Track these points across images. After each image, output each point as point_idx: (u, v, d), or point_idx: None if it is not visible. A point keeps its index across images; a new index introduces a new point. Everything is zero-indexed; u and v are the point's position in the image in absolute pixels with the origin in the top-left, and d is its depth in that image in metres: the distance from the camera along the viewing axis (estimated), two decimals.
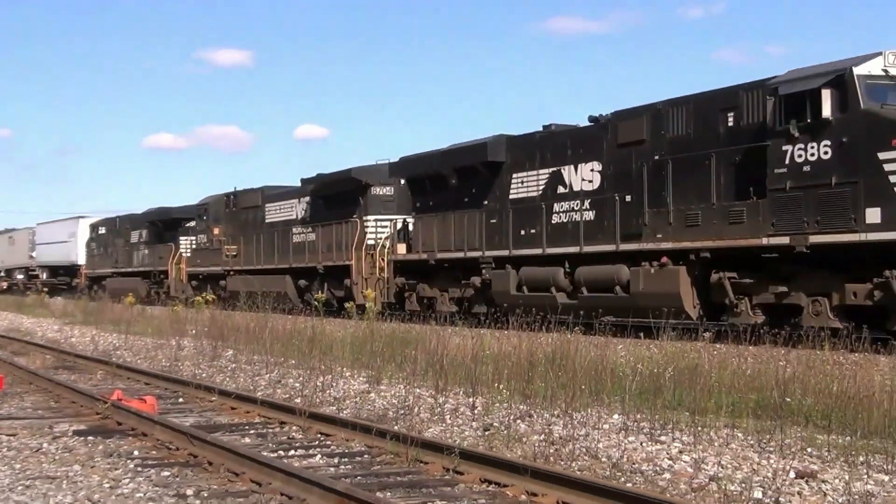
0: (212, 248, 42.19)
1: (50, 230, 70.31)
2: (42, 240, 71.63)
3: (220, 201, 43.08)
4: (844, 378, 10.91)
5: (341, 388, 13.60)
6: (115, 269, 53.94)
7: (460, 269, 27.04)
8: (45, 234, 71.09)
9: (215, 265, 41.57)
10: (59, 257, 67.18)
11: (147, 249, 50.10)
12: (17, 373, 16.52)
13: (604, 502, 6.88)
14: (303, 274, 35.32)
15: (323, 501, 6.97)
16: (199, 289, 42.11)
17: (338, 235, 32.65)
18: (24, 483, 8.06)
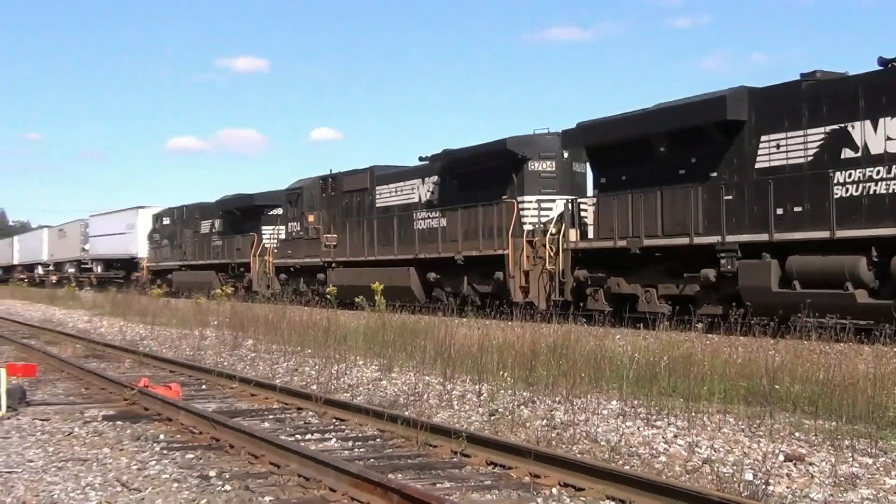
0: (307, 238, 35.57)
1: (105, 221, 63.55)
2: (96, 232, 64.65)
3: (316, 185, 36.01)
4: (830, 366, 10.89)
5: (355, 376, 13.61)
6: (183, 262, 47.74)
7: (677, 260, 20.24)
8: (100, 225, 64.26)
9: (312, 256, 34.93)
10: (115, 250, 60.40)
11: (222, 240, 43.74)
12: (49, 361, 16.56)
13: (603, 483, 6.88)
14: (432, 266, 28.55)
15: (338, 482, 6.98)
16: (290, 283, 37.14)
17: (484, 220, 25.96)
18: (56, 465, 8.09)
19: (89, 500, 6.85)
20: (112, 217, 62.52)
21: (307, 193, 36.15)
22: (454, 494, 6.90)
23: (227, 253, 42.68)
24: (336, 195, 34.51)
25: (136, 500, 6.84)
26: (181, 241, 48.14)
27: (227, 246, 42.83)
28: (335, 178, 34.81)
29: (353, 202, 33.63)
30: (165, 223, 51.30)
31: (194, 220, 47.75)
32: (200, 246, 46.01)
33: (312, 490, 7.06)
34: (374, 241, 31.57)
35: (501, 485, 7.29)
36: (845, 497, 6.75)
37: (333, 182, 34.82)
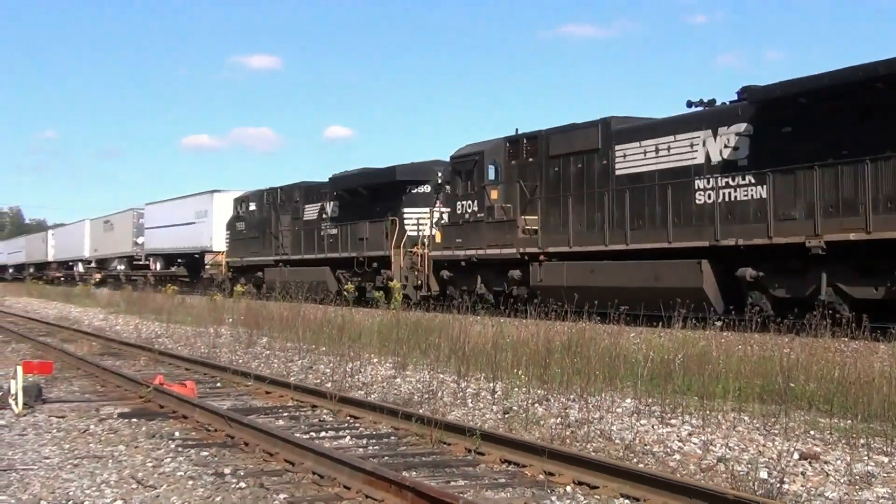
0: (490, 221, 25.90)
1: (166, 210, 54.50)
2: (154, 222, 55.97)
3: (500, 149, 26.23)
4: (845, 364, 10.85)
5: (369, 374, 13.62)
6: (280, 257, 38.17)
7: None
8: (159, 214, 55.32)
9: (500, 245, 25.16)
10: (180, 242, 51.14)
11: (339, 228, 34.03)
12: (65, 359, 16.63)
13: (617, 481, 6.87)
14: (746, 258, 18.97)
15: (352, 480, 6.98)
16: (457, 282, 27.48)
17: None
18: (72, 462, 8.12)
19: (105, 498, 6.88)
20: (176, 205, 53.39)
21: (488, 160, 26.48)
22: (468, 492, 6.89)
23: (347, 244, 33.36)
24: (537, 161, 24.96)
25: (152, 498, 6.86)
26: (276, 230, 38.60)
27: (349, 235, 33.41)
28: (535, 137, 25.26)
29: (569, 169, 24.19)
30: (251, 209, 41.53)
31: (294, 205, 38.24)
32: (307, 236, 36.44)
33: (327, 488, 7.07)
34: (615, 222, 22.19)
35: (516, 483, 7.28)
36: (861, 496, 6.72)
37: (531, 144, 25.35)
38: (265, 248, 39.53)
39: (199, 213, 49.25)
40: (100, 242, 66.65)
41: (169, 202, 55.48)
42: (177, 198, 54.46)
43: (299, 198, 37.98)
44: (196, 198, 50.85)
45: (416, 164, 32.22)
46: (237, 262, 42.41)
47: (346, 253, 33.38)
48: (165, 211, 54.79)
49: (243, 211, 42.38)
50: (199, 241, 48.84)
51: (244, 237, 41.71)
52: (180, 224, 51.26)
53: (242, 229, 42.05)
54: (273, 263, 38.61)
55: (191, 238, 49.80)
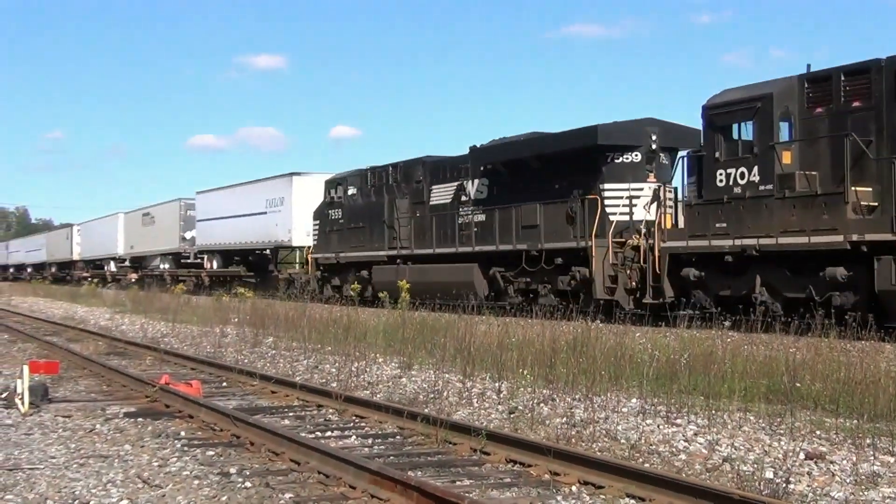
0: (786, 196, 17.78)
1: (225, 198, 46.29)
2: (208, 213, 47.63)
3: (791, 91, 18.11)
4: (851, 364, 10.83)
5: (374, 374, 13.63)
6: (396, 252, 29.72)
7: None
8: (216, 204, 46.92)
9: (811, 231, 17.14)
10: (246, 236, 43.12)
11: (488, 214, 25.85)
12: (72, 358, 16.65)
13: (623, 481, 6.87)
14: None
15: (357, 479, 6.99)
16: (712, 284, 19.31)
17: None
18: (78, 462, 8.13)
19: (111, 497, 6.89)
20: (240, 192, 45.30)
21: (778, 107, 18.26)
22: (474, 492, 6.90)
23: (507, 233, 24.97)
24: (871, 104, 16.95)
25: (158, 497, 6.88)
26: (391, 218, 30.33)
27: (510, 221, 24.89)
28: (865, 71, 17.15)
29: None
30: (351, 193, 33.29)
31: (415, 186, 29.77)
32: (438, 224, 28.17)
33: (332, 487, 7.08)
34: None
35: (521, 482, 7.28)
36: (866, 495, 6.72)
37: (854, 81, 17.30)
38: (372, 241, 31.22)
39: (273, 200, 41.09)
40: (137, 238, 58.82)
41: (228, 189, 47.20)
42: (240, 184, 45.99)
43: (423, 176, 29.43)
44: (268, 183, 42.49)
45: (621, 123, 23.49)
46: (329, 259, 34.17)
47: (501, 245, 25.33)
48: (224, 200, 46.38)
49: (338, 196, 33.82)
50: (273, 234, 40.83)
51: (340, 228, 33.41)
52: (245, 214, 43.27)
53: (338, 218, 33.65)
54: (385, 260, 30.47)
55: (260, 231, 41.80)
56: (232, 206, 45.18)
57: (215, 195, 48.28)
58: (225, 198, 46.69)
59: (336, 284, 33.91)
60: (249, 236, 43.06)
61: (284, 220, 39.99)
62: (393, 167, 31.16)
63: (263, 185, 42.96)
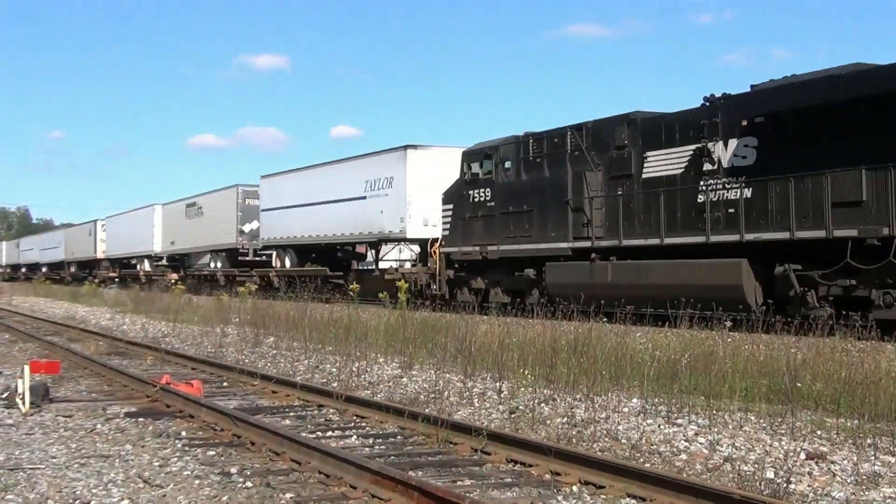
0: None
1: (302, 182, 38.69)
2: (277, 201, 40.09)
3: None
4: (852, 364, 10.83)
5: (375, 374, 13.63)
6: (587, 244, 22.34)
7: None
8: (288, 189, 39.26)
9: None
10: (333, 227, 35.64)
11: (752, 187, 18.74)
12: (72, 358, 16.66)
13: (624, 481, 6.87)
14: None
15: (358, 479, 6.99)
16: None
17: None
18: (79, 461, 8.14)
19: (112, 497, 6.89)
20: (326, 173, 37.37)
21: None
22: (475, 492, 6.90)
23: (800, 214, 17.67)
24: None
25: (158, 497, 6.88)
26: (578, 198, 22.53)
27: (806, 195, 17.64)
28: None
29: None
30: (506, 167, 25.50)
31: (614, 154, 22.14)
32: (667, 204, 20.40)
33: (333, 487, 7.08)
34: None
35: (522, 482, 7.29)
36: (867, 496, 6.72)
37: None
38: (544, 229, 23.58)
39: (377, 182, 33.20)
40: (179, 232, 51.56)
41: (307, 171, 39.48)
42: (325, 163, 38.27)
43: (629, 140, 21.82)
44: (370, 160, 34.35)
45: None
46: (469, 254, 26.47)
47: (812, 231, 17.47)
48: (301, 184, 38.76)
49: (485, 172, 26.13)
50: (375, 223, 33.05)
51: (488, 213, 25.74)
52: (333, 201, 35.69)
53: (483, 200, 26.01)
54: (569, 253, 22.81)
55: (356, 220, 34.13)
56: (312, 190, 37.49)
57: (288, 179, 40.43)
58: (301, 181, 38.81)
59: (477, 287, 26.50)
60: (339, 227, 35.31)
61: (394, 205, 31.99)
62: (576, 130, 23.19)
63: (362, 163, 34.71)
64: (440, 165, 30.17)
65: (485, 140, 27.20)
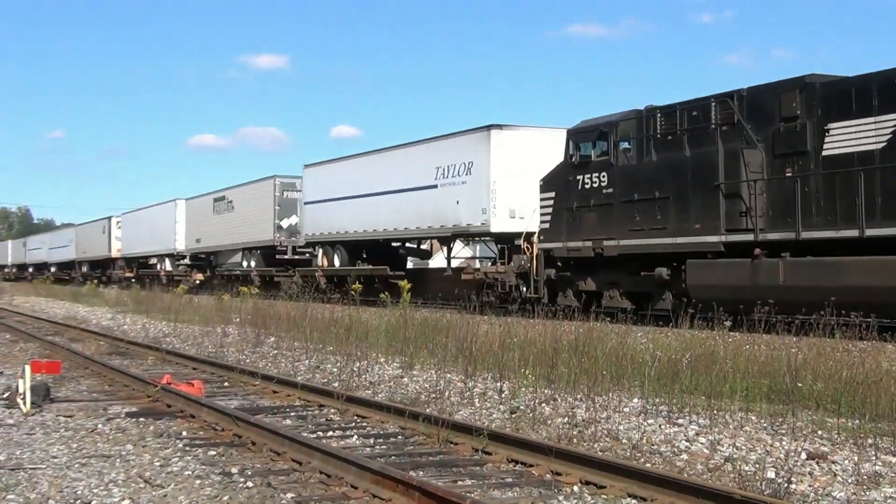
0: None
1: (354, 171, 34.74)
2: (323, 192, 36.20)
3: None
4: (853, 364, 10.82)
5: (376, 374, 13.63)
6: (743, 237, 18.53)
7: None
8: (337, 179, 35.50)
9: None
10: (394, 221, 31.63)
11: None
12: (73, 358, 16.66)
13: (625, 481, 6.87)
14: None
15: (359, 479, 6.99)
16: None
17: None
18: (80, 461, 8.14)
19: (113, 497, 6.89)
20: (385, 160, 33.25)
21: None
22: (475, 492, 6.90)
23: None
24: None
25: (159, 497, 6.88)
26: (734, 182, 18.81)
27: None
28: None
29: None
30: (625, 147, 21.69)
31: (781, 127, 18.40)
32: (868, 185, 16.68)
33: (334, 487, 7.08)
34: None
35: (523, 482, 7.28)
36: (868, 496, 6.72)
37: None
38: (684, 220, 19.68)
39: (451, 168, 28.92)
40: (206, 229, 47.65)
41: (358, 159, 35.22)
42: (383, 149, 33.77)
43: (803, 109, 18.09)
44: (444, 143, 29.84)
45: None
46: (579, 251, 22.41)
47: None
48: (351, 173, 34.75)
49: (598, 153, 22.18)
50: (450, 215, 28.79)
51: (603, 201, 21.85)
52: (395, 191, 31.66)
53: (597, 186, 22.03)
54: (720, 249, 18.99)
55: (425, 212, 29.95)
56: (367, 180, 33.46)
57: (337, 168, 36.33)
58: (354, 170, 34.78)
59: (587, 290, 22.55)
60: (401, 220, 31.24)
61: (474, 195, 27.78)
62: (725, 100, 19.45)
63: (432, 148, 30.40)
64: (531, 148, 26.78)
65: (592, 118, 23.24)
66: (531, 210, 24.68)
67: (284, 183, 40.70)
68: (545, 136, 26.69)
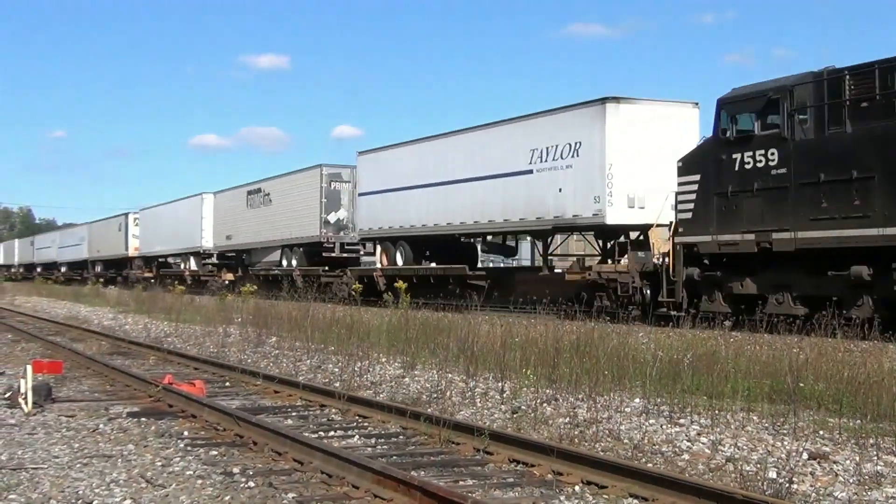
0: None
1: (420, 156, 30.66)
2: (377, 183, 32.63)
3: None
4: (855, 364, 10.82)
5: (378, 374, 13.63)
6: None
7: None
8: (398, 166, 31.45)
9: None
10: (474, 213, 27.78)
11: None
12: (75, 358, 16.66)
13: (626, 481, 6.86)
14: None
15: (360, 479, 6.99)
16: None
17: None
18: (81, 461, 8.14)
19: (114, 497, 6.89)
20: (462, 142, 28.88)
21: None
22: (477, 492, 6.89)
23: None
24: None
25: (161, 497, 6.88)
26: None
27: None
28: None
29: None
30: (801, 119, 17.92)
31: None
32: None
33: (335, 487, 7.08)
34: None
35: (524, 482, 7.28)
36: (870, 496, 6.71)
37: None
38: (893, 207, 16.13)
39: (554, 150, 24.52)
40: (238, 225, 43.77)
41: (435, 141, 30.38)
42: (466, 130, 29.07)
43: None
44: (543, 121, 25.44)
45: None
46: (737, 245, 18.84)
47: None
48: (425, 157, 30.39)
49: (765, 126, 18.46)
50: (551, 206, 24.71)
51: (772, 185, 18.08)
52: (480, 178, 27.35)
53: (765, 166, 18.22)
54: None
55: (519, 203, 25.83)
56: (441, 166, 29.38)
57: (400, 154, 32.21)
58: (423, 156, 30.62)
59: (747, 293, 18.93)
60: (484, 212, 27.29)
61: (584, 180, 23.60)
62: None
63: (526, 127, 26.11)
64: (653, 125, 23.18)
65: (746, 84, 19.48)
66: (656, 197, 21.52)
67: (332, 173, 36.61)
68: (670, 111, 23.54)
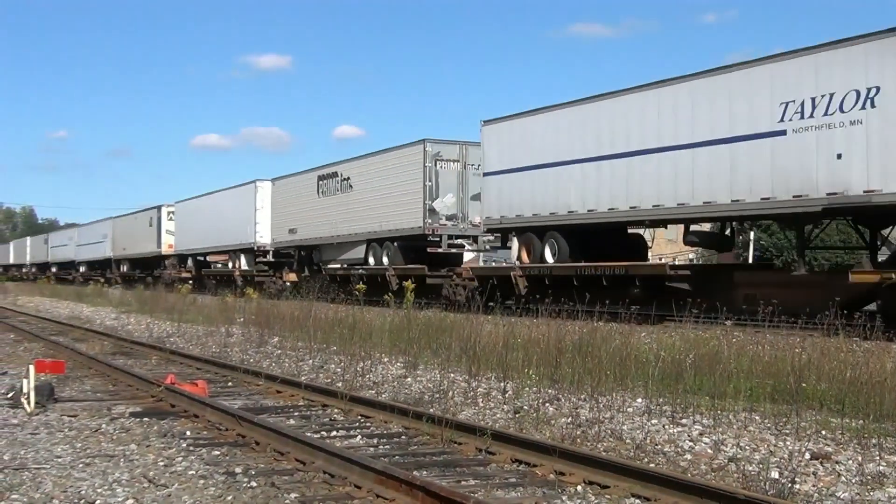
0: None
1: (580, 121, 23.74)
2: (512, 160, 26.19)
3: None
4: (857, 364, 10.81)
5: (380, 373, 13.63)
6: None
7: None
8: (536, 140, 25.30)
9: None
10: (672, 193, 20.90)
11: None
12: (77, 358, 16.67)
13: (628, 481, 6.87)
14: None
15: (363, 479, 7.00)
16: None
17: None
18: (84, 461, 8.15)
19: (116, 496, 6.90)
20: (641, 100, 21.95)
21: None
22: (479, 492, 6.90)
23: None
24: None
25: (163, 496, 6.89)
26: None
27: None
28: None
29: None
30: None
31: None
32: None
33: (338, 487, 7.09)
34: None
35: (526, 482, 7.29)
36: (872, 496, 6.71)
37: None
38: None
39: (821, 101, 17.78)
40: (306, 216, 37.17)
41: (606, 100, 23.29)
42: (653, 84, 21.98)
43: None
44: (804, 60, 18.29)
45: None
46: None
47: None
48: (588, 123, 23.57)
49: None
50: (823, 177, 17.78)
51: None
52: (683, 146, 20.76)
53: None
54: None
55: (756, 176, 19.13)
56: (616, 133, 22.66)
57: (542, 121, 25.39)
58: (580, 121, 23.87)
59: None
60: (693, 191, 20.63)
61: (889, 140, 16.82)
62: None
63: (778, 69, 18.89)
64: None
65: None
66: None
67: (435, 151, 29.97)
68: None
